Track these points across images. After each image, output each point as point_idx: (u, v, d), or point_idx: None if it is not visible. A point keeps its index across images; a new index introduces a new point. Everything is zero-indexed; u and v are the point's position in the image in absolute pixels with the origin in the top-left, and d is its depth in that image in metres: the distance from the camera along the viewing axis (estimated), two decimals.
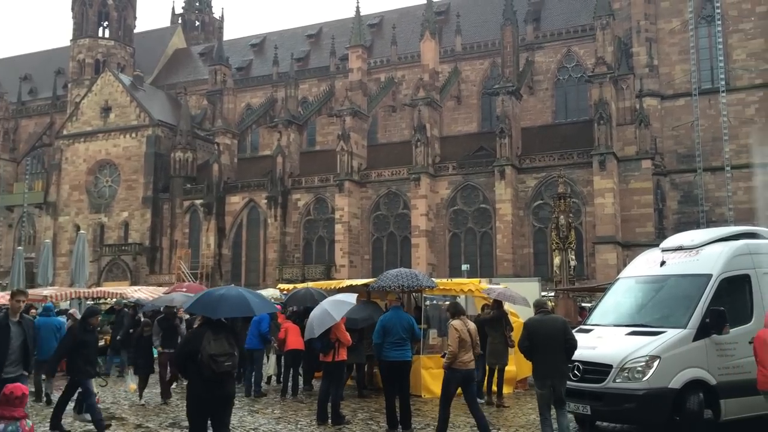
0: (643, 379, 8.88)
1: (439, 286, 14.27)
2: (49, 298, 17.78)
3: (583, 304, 23.84)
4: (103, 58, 61.36)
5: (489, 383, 12.94)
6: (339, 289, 15.16)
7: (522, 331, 9.32)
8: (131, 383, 13.70)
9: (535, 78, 49.22)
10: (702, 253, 10.19)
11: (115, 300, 21.40)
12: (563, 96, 49.07)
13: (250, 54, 63.12)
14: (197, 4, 79.94)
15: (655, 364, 8.91)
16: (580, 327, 10.80)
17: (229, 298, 7.67)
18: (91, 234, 52.62)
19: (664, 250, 10.82)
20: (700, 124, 40.28)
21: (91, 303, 23.19)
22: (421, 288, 12.94)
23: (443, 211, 45.29)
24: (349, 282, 17.17)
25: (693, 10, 41.93)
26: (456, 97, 51.49)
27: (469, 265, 39.85)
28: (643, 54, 44.26)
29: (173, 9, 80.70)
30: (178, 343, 12.21)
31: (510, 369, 13.47)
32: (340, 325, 11.03)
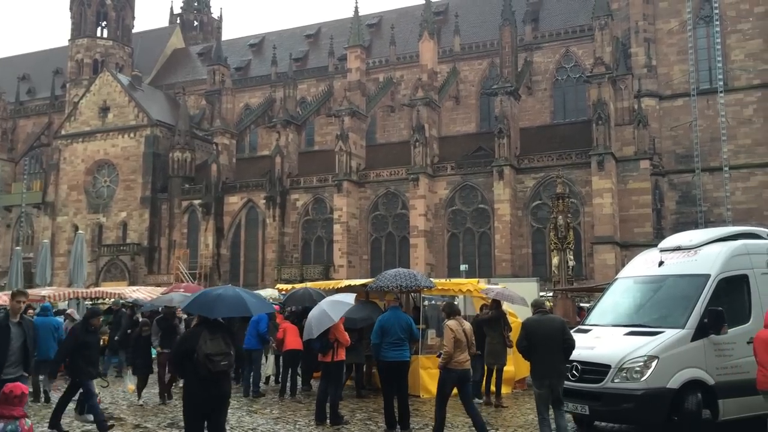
0: (642, 379, 8.89)
1: (437, 286, 14.27)
2: (48, 298, 17.76)
3: (582, 304, 23.86)
4: (102, 58, 61.37)
5: (488, 383, 12.96)
6: (337, 289, 15.15)
7: (520, 331, 9.35)
8: (129, 384, 13.68)
9: (533, 78, 49.26)
10: (700, 254, 10.19)
11: (112, 300, 21.38)
12: (562, 96, 49.10)
13: (249, 54, 63.08)
14: (196, 4, 79.84)
15: (654, 364, 8.91)
16: (579, 327, 10.80)
17: (225, 298, 7.65)
18: (90, 234, 52.55)
19: (662, 251, 10.82)
20: (698, 124, 40.38)
21: (90, 303, 23.20)
22: (419, 288, 12.94)
23: (442, 212, 45.29)
24: (347, 282, 17.17)
25: (691, 11, 41.99)
26: (454, 97, 51.50)
27: (468, 265, 39.79)
28: (641, 54, 44.31)
29: (172, 9, 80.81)
30: None
31: (508, 369, 13.48)
32: (339, 326, 11.01)
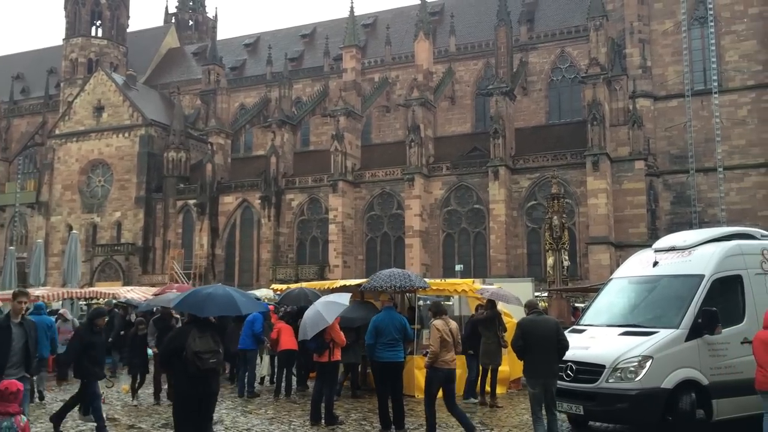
0: (636, 379, 8.91)
1: (432, 287, 14.26)
2: (42, 298, 17.69)
3: (577, 305, 23.94)
4: (96, 58, 61.22)
5: (482, 383, 12.96)
6: (332, 289, 15.12)
7: (516, 331, 9.37)
8: (124, 384, 13.66)
9: (528, 79, 49.33)
10: (694, 254, 10.21)
11: (105, 300, 21.32)
12: (557, 97, 49.19)
13: (244, 54, 63.00)
14: (191, 4, 79.59)
15: (648, 364, 8.93)
16: (573, 327, 10.83)
17: (215, 297, 7.68)
18: (84, 234, 52.43)
19: (656, 251, 10.85)
20: (692, 125, 40.53)
21: (85, 303, 23.12)
22: (413, 289, 12.93)
23: (437, 212, 45.30)
24: (342, 282, 17.15)
25: (686, 12, 42.07)
26: (450, 97, 51.53)
27: (463, 265, 39.83)
28: (636, 55, 44.41)
29: (167, 8, 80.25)
30: None
31: (503, 369, 13.49)
32: (334, 326, 10.99)
